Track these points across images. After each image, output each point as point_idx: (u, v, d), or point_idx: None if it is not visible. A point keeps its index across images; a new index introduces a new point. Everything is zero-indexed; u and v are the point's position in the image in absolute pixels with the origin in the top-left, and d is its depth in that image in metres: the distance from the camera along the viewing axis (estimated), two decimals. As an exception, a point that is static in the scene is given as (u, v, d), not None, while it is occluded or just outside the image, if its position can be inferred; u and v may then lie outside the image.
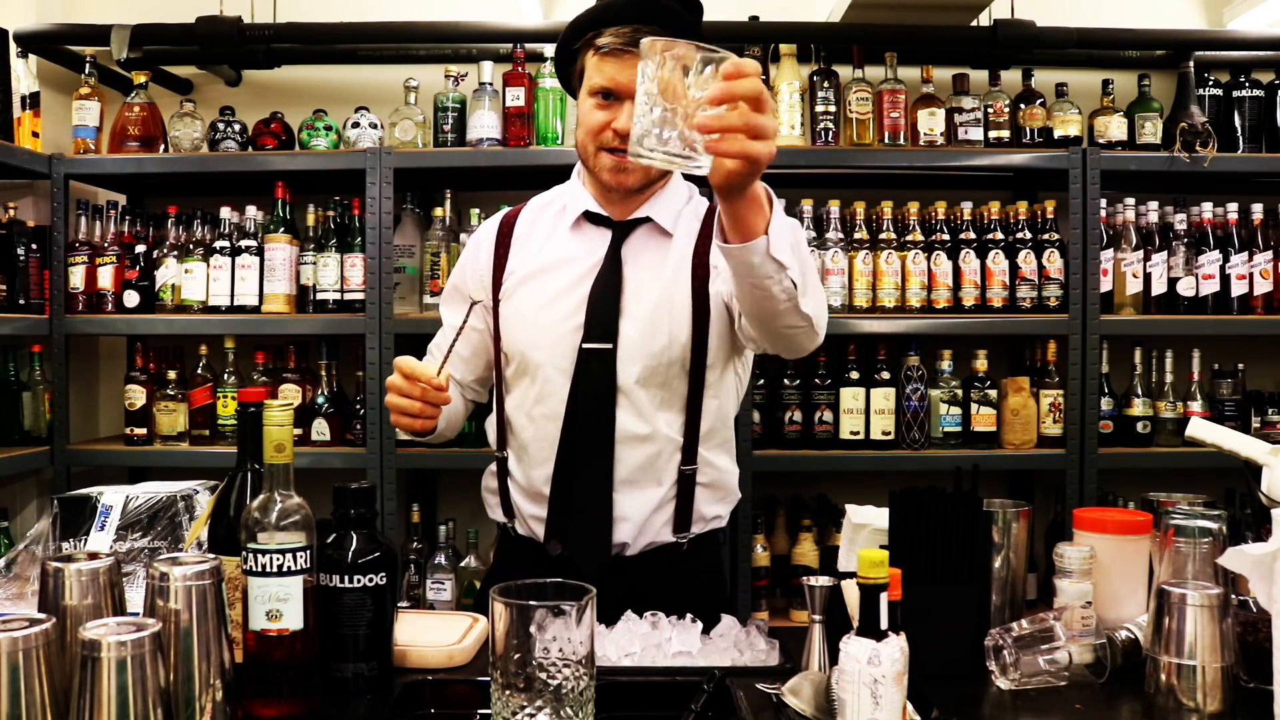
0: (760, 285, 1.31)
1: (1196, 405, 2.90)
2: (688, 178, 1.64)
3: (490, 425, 1.77)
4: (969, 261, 2.84)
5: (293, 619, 1.17)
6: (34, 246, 2.86)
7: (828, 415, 2.83)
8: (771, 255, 1.26)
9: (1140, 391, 2.92)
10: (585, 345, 1.59)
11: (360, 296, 2.83)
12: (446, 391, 1.48)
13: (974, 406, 2.83)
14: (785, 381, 2.86)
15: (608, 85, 1.53)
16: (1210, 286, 2.90)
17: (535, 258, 1.67)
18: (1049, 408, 2.84)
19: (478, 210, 2.88)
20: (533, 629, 1.05)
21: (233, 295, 2.88)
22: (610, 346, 1.58)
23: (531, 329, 1.63)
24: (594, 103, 1.56)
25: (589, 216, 1.66)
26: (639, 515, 1.63)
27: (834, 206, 2.85)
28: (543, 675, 1.05)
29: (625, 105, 1.52)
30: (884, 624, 1.08)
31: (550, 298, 1.63)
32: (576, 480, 1.61)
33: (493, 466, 1.75)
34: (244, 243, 2.88)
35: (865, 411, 2.83)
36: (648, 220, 1.65)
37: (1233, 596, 1.29)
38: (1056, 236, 2.86)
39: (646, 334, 1.60)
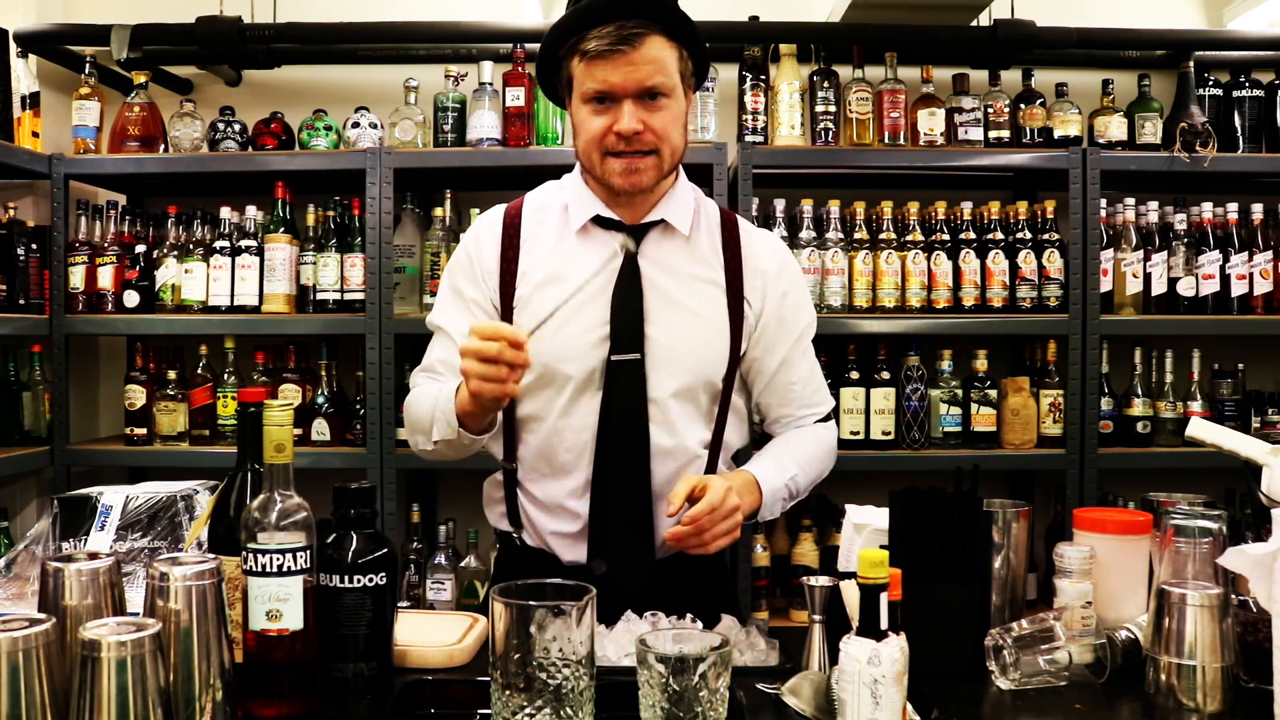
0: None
1: (1196, 405, 2.90)
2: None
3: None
4: (969, 261, 2.84)
5: (293, 619, 1.17)
6: (34, 246, 2.86)
7: (828, 415, 2.83)
8: (762, 520, 1.61)
9: (1140, 391, 2.92)
10: (614, 357, 1.54)
11: (360, 296, 2.83)
12: (525, 352, 1.35)
13: (974, 406, 2.83)
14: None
15: (601, 89, 1.48)
16: (1210, 286, 2.90)
17: (547, 263, 1.59)
18: (1049, 408, 2.84)
19: (477, 210, 2.86)
20: (533, 629, 1.05)
21: (233, 295, 2.88)
22: (639, 356, 1.54)
23: (555, 340, 1.53)
24: (589, 109, 1.51)
25: (599, 221, 1.60)
26: (668, 526, 1.54)
27: (834, 206, 2.85)
28: (543, 675, 1.05)
29: (624, 105, 1.48)
30: (884, 624, 1.08)
31: (572, 307, 1.50)
32: (616, 495, 1.56)
33: (497, 476, 1.69)
34: (244, 243, 2.88)
35: (865, 411, 2.83)
36: (661, 222, 1.60)
37: (1233, 596, 1.29)
38: (1056, 236, 2.86)
39: (676, 341, 1.56)
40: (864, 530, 1.52)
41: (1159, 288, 2.90)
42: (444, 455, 1.58)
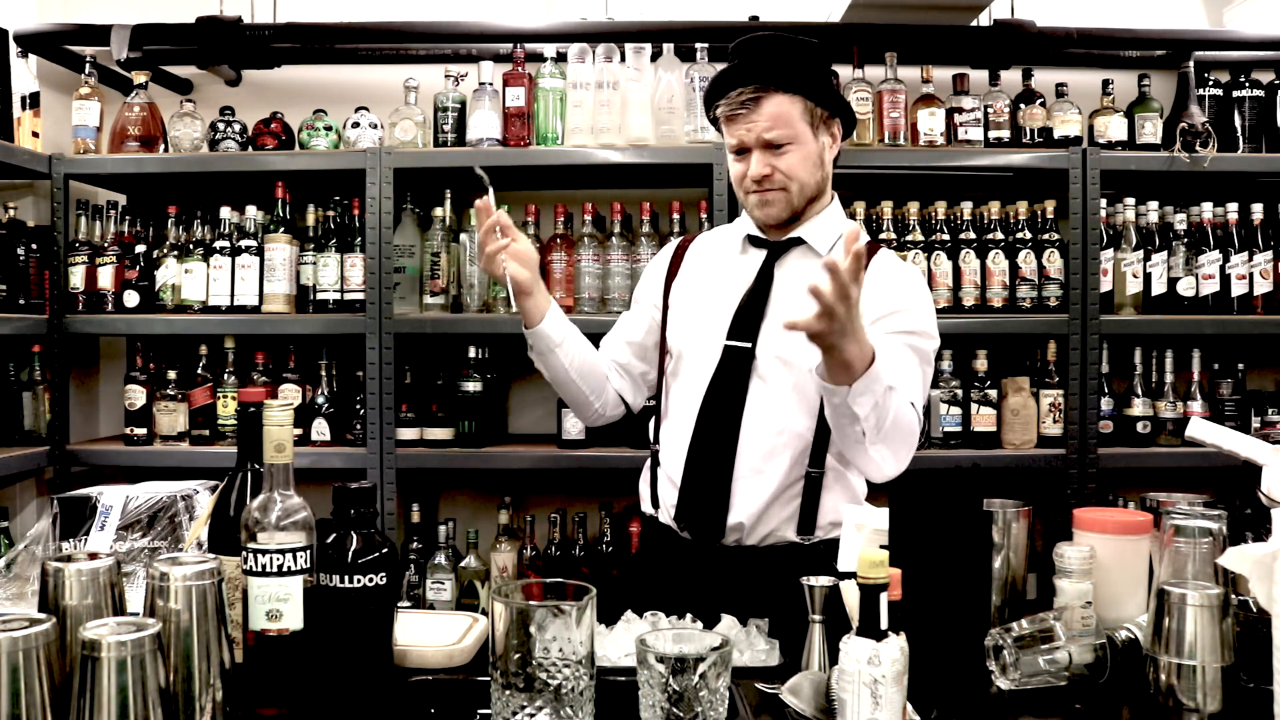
0: (836, 420, 1.60)
1: (1196, 405, 2.89)
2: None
3: (653, 423, 1.96)
4: (969, 261, 2.84)
5: (293, 619, 1.18)
6: (34, 246, 2.86)
7: (828, 415, 2.83)
8: (849, 404, 1.54)
9: (1140, 391, 2.92)
10: (729, 342, 1.78)
11: (360, 296, 2.83)
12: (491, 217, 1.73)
13: (974, 406, 2.83)
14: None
15: (735, 144, 1.78)
16: (1210, 286, 2.90)
17: (702, 272, 1.90)
18: (1049, 408, 2.84)
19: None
20: (533, 629, 1.05)
21: (233, 295, 2.88)
22: (750, 345, 1.77)
23: (689, 327, 1.85)
24: (733, 158, 1.81)
25: (751, 240, 1.87)
26: (757, 500, 1.75)
27: (834, 206, 2.85)
28: (543, 675, 1.05)
29: (752, 155, 1.76)
30: (884, 624, 1.08)
31: (709, 302, 1.84)
32: (702, 461, 1.77)
33: (649, 461, 1.93)
34: (244, 243, 2.88)
35: (865, 411, 2.82)
36: (801, 242, 1.82)
37: (1233, 596, 1.29)
38: (1056, 236, 2.86)
39: (784, 337, 1.72)
40: (864, 530, 1.52)
41: (1159, 288, 2.90)
42: (560, 391, 1.91)
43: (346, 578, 1.26)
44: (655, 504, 1.89)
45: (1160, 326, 2.88)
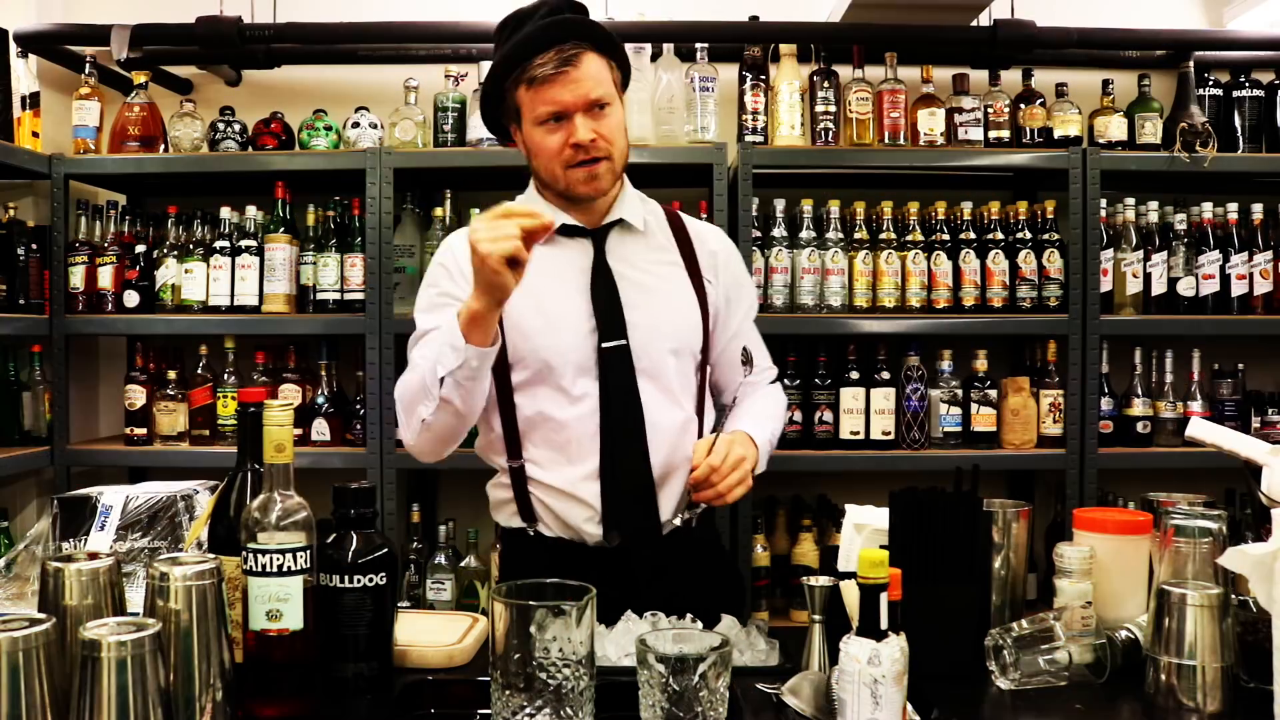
0: None
1: (1196, 405, 2.89)
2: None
3: (489, 442, 1.76)
4: (969, 261, 2.84)
5: (293, 619, 1.17)
6: (34, 246, 2.86)
7: (828, 415, 2.83)
8: None
9: (1140, 391, 2.92)
10: (603, 345, 1.67)
11: (360, 296, 2.83)
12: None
13: (974, 406, 2.83)
14: (785, 382, 2.85)
15: (554, 109, 1.61)
16: (1210, 286, 2.90)
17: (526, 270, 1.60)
18: (1049, 408, 2.84)
19: (478, 210, 2.88)
20: (533, 629, 1.05)
21: (233, 295, 2.88)
22: (624, 342, 1.67)
23: (549, 336, 1.67)
24: (544, 130, 1.63)
25: (567, 230, 1.72)
26: (676, 493, 1.73)
27: (834, 206, 2.85)
28: (543, 675, 1.05)
29: (575, 120, 1.61)
30: (884, 624, 1.08)
31: (557, 305, 1.68)
32: (620, 469, 1.67)
33: (502, 479, 1.75)
34: (244, 243, 2.88)
35: (865, 411, 2.82)
36: (620, 222, 1.74)
37: (1233, 596, 1.29)
38: (1056, 236, 2.86)
39: (654, 324, 1.70)
40: (864, 530, 1.52)
41: (1159, 288, 2.90)
42: (443, 431, 1.63)
43: (346, 578, 1.26)
44: (531, 519, 1.72)
45: (1160, 327, 2.88)
